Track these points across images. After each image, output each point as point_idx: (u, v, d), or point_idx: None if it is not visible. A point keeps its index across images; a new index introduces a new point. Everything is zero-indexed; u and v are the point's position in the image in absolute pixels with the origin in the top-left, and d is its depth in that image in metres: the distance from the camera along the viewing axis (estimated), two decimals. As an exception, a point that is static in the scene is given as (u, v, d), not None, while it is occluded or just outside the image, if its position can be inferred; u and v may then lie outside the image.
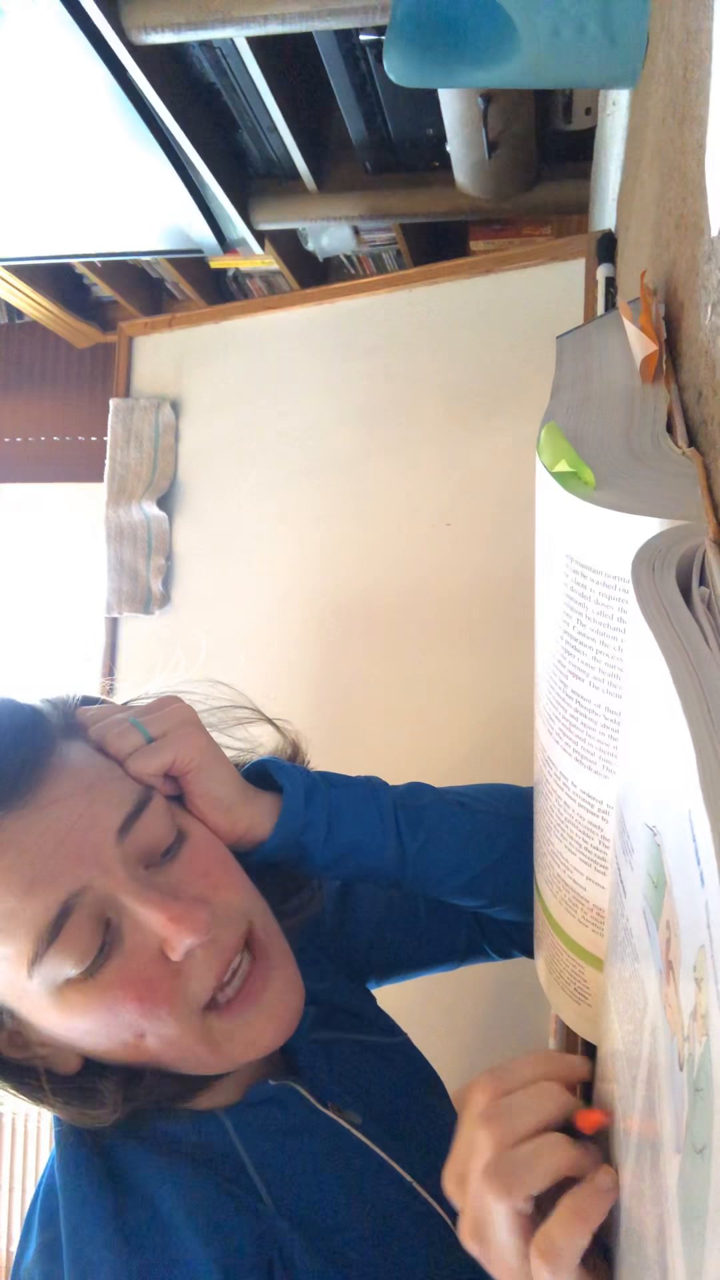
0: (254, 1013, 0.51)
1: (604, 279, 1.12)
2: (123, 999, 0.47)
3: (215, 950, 0.49)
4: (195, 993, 0.49)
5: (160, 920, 0.47)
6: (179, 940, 0.47)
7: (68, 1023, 0.48)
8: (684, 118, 0.43)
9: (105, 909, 0.47)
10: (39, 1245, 0.48)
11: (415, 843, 0.59)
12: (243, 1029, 0.50)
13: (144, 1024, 0.48)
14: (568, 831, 0.44)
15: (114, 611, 1.48)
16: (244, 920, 0.52)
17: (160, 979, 0.48)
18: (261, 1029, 0.51)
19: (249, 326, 1.46)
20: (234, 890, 0.52)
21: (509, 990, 1.17)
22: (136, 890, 0.47)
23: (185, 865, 0.51)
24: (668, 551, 0.29)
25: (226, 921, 0.50)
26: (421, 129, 1.30)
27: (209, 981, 0.49)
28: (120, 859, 0.48)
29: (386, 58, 0.64)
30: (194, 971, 0.49)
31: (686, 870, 0.24)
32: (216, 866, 0.52)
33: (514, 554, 1.20)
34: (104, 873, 0.47)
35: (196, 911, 0.48)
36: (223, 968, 0.50)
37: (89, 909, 0.46)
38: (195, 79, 1.20)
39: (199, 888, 0.50)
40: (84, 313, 2.00)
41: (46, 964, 0.46)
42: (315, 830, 0.57)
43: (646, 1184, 0.29)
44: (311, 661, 1.36)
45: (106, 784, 0.50)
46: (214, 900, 0.50)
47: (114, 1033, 0.48)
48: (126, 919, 0.48)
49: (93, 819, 0.48)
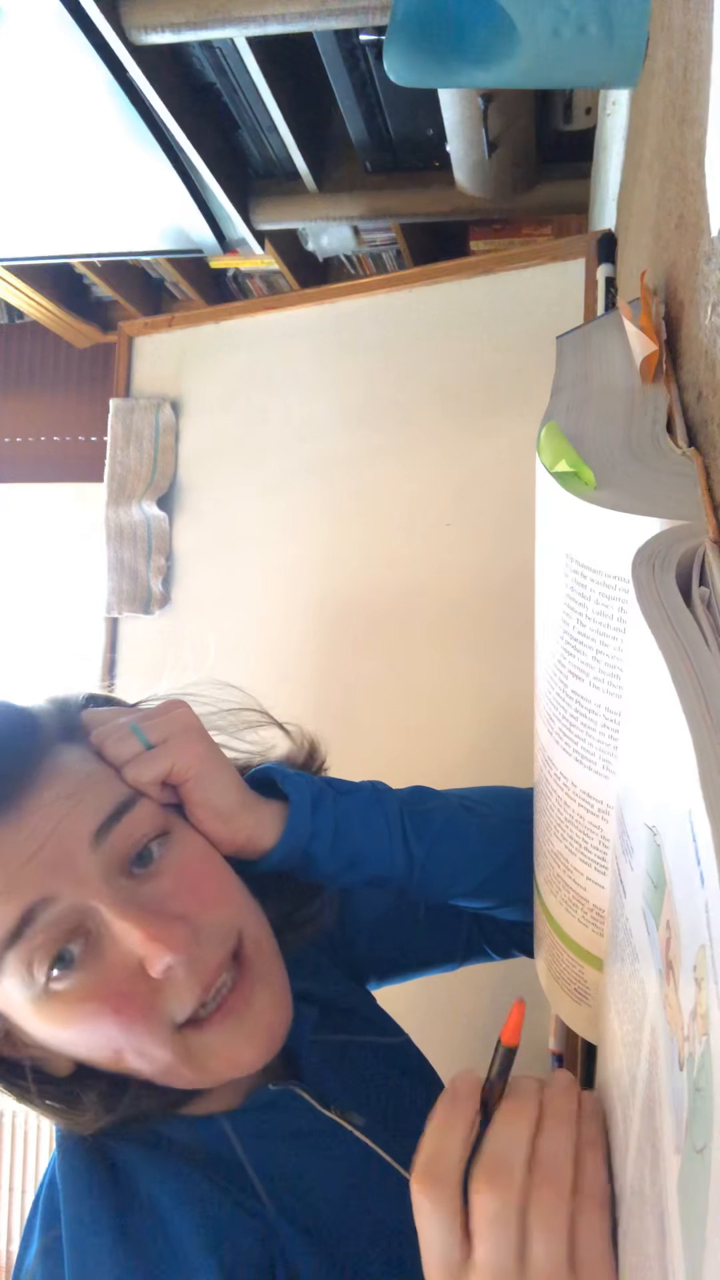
0: (235, 1029, 0.49)
1: (604, 279, 1.12)
2: (100, 1011, 0.46)
3: (197, 968, 0.48)
4: (174, 1009, 0.47)
5: (138, 938, 0.46)
6: (157, 959, 0.46)
7: (50, 1031, 0.47)
8: (684, 118, 0.43)
9: (83, 919, 0.46)
10: (40, 1246, 0.48)
11: (422, 848, 0.59)
12: (223, 1046, 0.49)
13: (122, 1039, 0.47)
14: (568, 831, 0.44)
15: (114, 611, 1.48)
16: (231, 937, 0.50)
17: (138, 994, 0.47)
18: (243, 1047, 0.50)
19: (249, 326, 1.46)
20: (222, 905, 0.51)
21: (509, 990, 1.17)
22: (116, 904, 0.46)
23: (174, 878, 0.50)
24: (668, 551, 0.29)
25: (211, 939, 0.49)
26: (421, 129, 1.30)
27: (189, 1000, 0.48)
28: (98, 868, 0.47)
29: (386, 58, 0.64)
30: (174, 989, 0.47)
31: (686, 870, 0.24)
32: (206, 880, 0.51)
33: (514, 554, 1.20)
34: (78, 883, 0.46)
35: (176, 929, 0.47)
36: (205, 986, 0.48)
37: (56, 920, 0.45)
38: (195, 79, 1.20)
39: (185, 903, 0.49)
40: (84, 313, 2.00)
41: (6, 971, 0.45)
42: (322, 839, 0.56)
43: (646, 1184, 0.29)
44: (311, 661, 1.36)
45: (90, 789, 0.49)
46: (199, 917, 0.49)
47: (93, 1044, 0.47)
48: (107, 932, 0.47)
49: (69, 826, 0.47)
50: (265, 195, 1.45)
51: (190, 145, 1.21)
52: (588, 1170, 0.38)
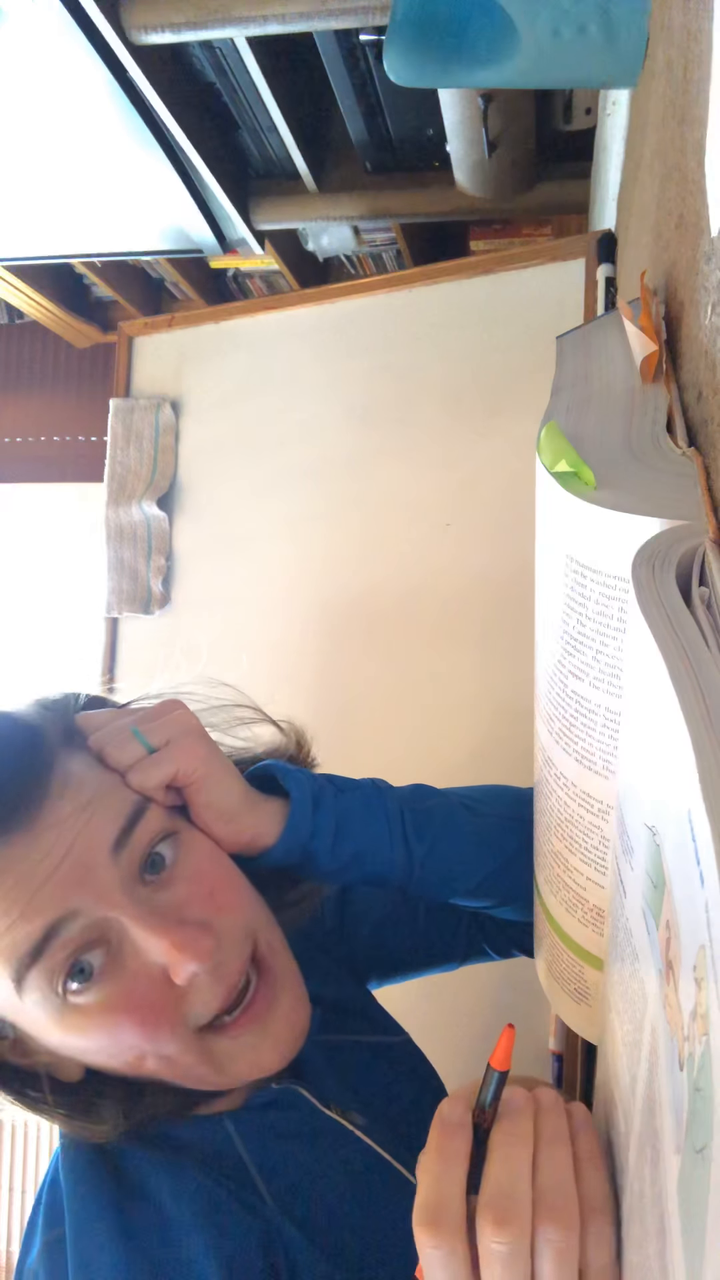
0: (258, 1034, 0.50)
1: (604, 279, 1.12)
2: (124, 1021, 0.46)
3: (221, 974, 0.48)
4: (199, 1015, 0.48)
5: (163, 947, 0.46)
6: (183, 967, 0.46)
7: (68, 1041, 0.47)
8: (684, 118, 0.43)
9: (104, 932, 0.46)
10: (43, 1244, 0.48)
11: (422, 847, 0.59)
12: (247, 1050, 0.50)
13: (145, 1046, 0.47)
14: (568, 831, 0.44)
15: (114, 611, 1.48)
16: (249, 940, 0.51)
17: (163, 1002, 0.47)
18: (267, 1051, 0.50)
19: (249, 326, 1.46)
20: (239, 909, 0.51)
21: (509, 990, 1.17)
22: (138, 915, 0.47)
23: (189, 884, 0.50)
24: (668, 551, 0.29)
25: (231, 944, 0.49)
26: (421, 129, 1.30)
27: (214, 1005, 0.48)
28: (118, 880, 0.47)
29: (386, 58, 0.64)
30: (198, 995, 0.48)
31: (686, 870, 0.24)
32: (221, 884, 0.51)
33: (514, 554, 1.20)
34: (100, 896, 0.46)
35: (201, 938, 0.47)
36: (228, 991, 0.49)
37: (80, 933, 0.46)
38: (195, 79, 1.21)
39: (204, 909, 0.49)
40: (84, 313, 2.00)
41: (29, 986, 0.45)
42: (322, 837, 0.56)
43: (646, 1184, 0.30)
44: (312, 661, 1.36)
45: (103, 799, 0.49)
46: (219, 922, 0.49)
47: (115, 1052, 0.47)
48: (128, 942, 0.47)
49: (88, 839, 0.47)
50: (265, 195, 1.45)
51: (190, 145, 1.21)
52: (589, 1185, 0.37)
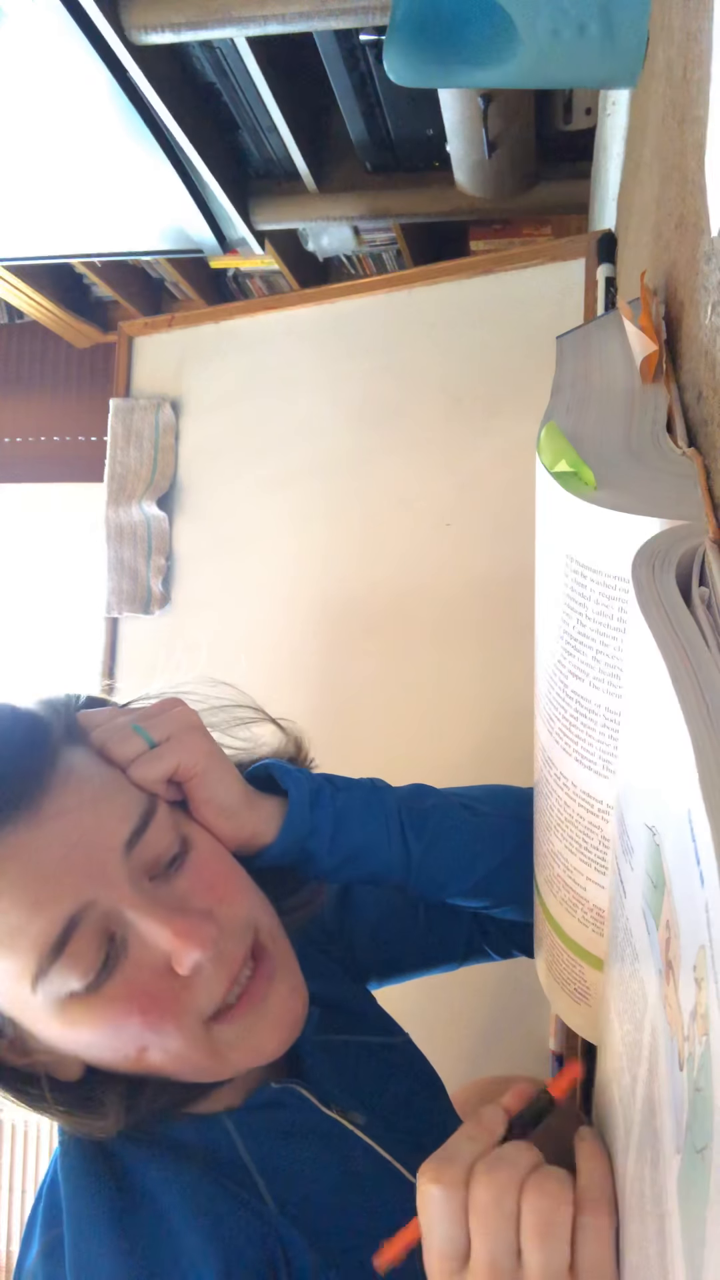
0: (257, 1019, 0.50)
1: (604, 279, 1.12)
2: (127, 1013, 0.46)
3: (222, 963, 0.49)
4: (201, 1005, 0.48)
5: (166, 935, 0.46)
6: (186, 955, 0.46)
7: (70, 1035, 0.47)
8: (684, 118, 0.43)
9: (110, 924, 0.47)
10: (42, 1246, 0.48)
11: (420, 846, 0.59)
12: (246, 1036, 0.50)
13: (148, 1037, 0.47)
14: (568, 831, 0.44)
15: (114, 611, 1.48)
16: (250, 931, 0.51)
17: (166, 993, 0.47)
18: (266, 1036, 0.51)
19: (249, 326, 1.46)
20: (240, 901, 0.52)
21: (509, 990, 1.17)
22: (142, 905, 0.47)
23: (191, 877, 0.50)
24: (668, 551, 0.29)
25: (233, 934, 0.50)
26: (421, 129, 1.30)
27: (216, 994, 0.49)
28: (126, 874, 0.47)
29: (386, 58, 0.64)
30: (201, 985, 0.48)
31: (686, 870, 0.24)
32: (222, 877, 0.52)
33: (514, 554, 1.20)
34: (109, 888, 0.46)
35: (204, 926, 0.47)
36: (229, 980, 0.49)
37: (94, 924, 0.46)
38: (195, 79, 1.20)
39: (206, 900, 0.50)
40: (84, 313, 2.00)
41: (50, 979, 0.45)
42: (320, 835, 0.57)
43: (646, 1184, 0.30)
44: (312, 661, 1.36)
45: (112, 795, 0.49)
46: (221, 913, 0.50)
47: (117, 1045, 0.48)
48: (132, 933, 0.47)
49: (100, 833, 0.47)
50: (265, 195, 1.45)
51: (190, 145, 1.21)
52: (589, 1176, 0.38)
